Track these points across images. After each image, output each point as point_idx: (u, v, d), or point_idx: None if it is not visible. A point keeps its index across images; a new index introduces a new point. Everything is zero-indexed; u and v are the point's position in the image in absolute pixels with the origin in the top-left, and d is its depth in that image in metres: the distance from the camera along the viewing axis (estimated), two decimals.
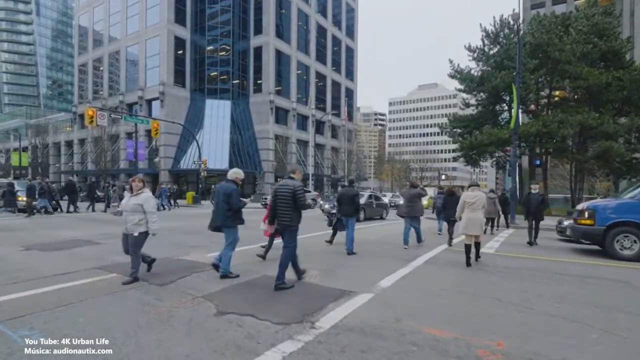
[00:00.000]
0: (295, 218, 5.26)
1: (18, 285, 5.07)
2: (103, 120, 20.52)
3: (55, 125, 57.43)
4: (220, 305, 4.28)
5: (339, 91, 57.13)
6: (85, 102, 46.64)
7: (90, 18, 49.11)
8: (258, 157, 42.66)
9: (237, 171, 5.92)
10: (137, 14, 42.79)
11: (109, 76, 46.58)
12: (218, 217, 5.71)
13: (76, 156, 49.01)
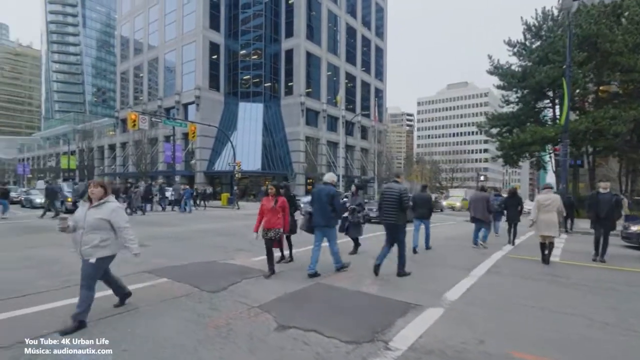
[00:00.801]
0: (402, 217, 5.96)
1: (71, 290, 4.92)
2: (144, 123, 20.96)
3: (100, 130, 60.04)
4: (280, 318, 3.92)
5: (369, 92, 56.28)
6: (127, 108, 48.33)
7: (131, 27, 50.92)
8: (289, 158, 42.63)
9: (332, 175, 6.52)
10: (174, 21, 43.88)
11: (148, 82, 48.07)
12: (322, 218, 6.03)
13: (118, 159, 50.91)
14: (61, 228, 3.68)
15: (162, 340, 3.35)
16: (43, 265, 6.47)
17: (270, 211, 5.69)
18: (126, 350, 3.13)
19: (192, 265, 6.65)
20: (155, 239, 9.87)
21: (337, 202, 6.02)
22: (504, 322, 3.99)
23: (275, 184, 5.90)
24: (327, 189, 6.08)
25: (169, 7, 44.59)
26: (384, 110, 61.60)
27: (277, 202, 5.69)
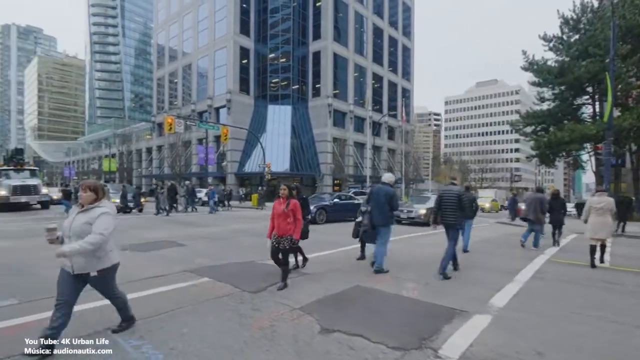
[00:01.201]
0: (460, 218, 6.16)
1: (127, 286, 5.03)
2: (180, 127, 21.58)
3: (138, 134, 62.45)
4: (323, 321, 3.83)
5: (396, 92, 55.46)
6: (162, 112, 50.04)
7: (167, 36, 52.73)
8: (317, 160, 42.63)
9: (391, 175, 6.71)
10: (206, 28, 45.02)
11: (182, 87, 49.56)
12: (380, 216, 6.28)
13: (155, 161, 52.75)
14: (49, 240, 3.10)
15: (209, 340, 3.34)
16: None
17: (281, 215, 5.02)
18: (174, 349, 3.14)
19: (230, 265, 6.69)
20: (193, 239, 10.06)
21: (395, 201, 6.26)
22: (562, 333, 3.72)
23: (288, 185, 5.20)
24: (386, 189, 6.29)
25: (202, 15, 45.82)
26: (411, 110, 60.45)
27: (288, 206, 5.01)
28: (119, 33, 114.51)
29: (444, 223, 6.22)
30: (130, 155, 58.96)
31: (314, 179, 41.70)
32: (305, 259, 6.57)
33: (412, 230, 13.26)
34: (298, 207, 5.11)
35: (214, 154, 39.93)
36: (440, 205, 6.28)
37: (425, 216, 15.06)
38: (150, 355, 3.04)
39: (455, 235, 6.16)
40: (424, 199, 17.36)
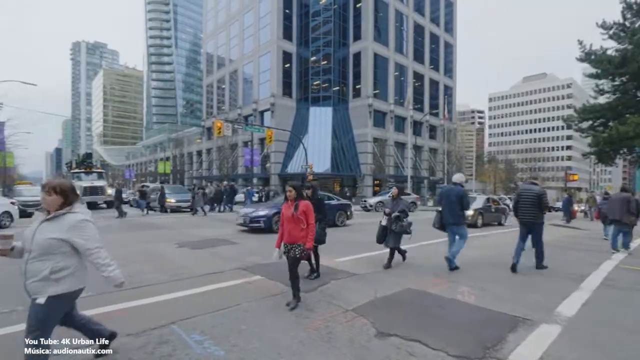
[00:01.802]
0: (540, 216, 6.36)
1: (180, 284, 5.24)
2: (228, 130, 22.25)
3: (189, 138, 65.56)
4: (378, 324, 3.69)
5: (437, 90, 53.60)
6: (211, 117, 52.10)
7: (215, 44, 54.91)
8: (357, 160, 42.25)
9: (461, 175, 6.70)
10: (251, 35, 46.29)
11: (229, 93, 51.31)
12: (451, 216, 6.36)
13: (204, 163, 55.06)
14: (1, 251, 2.44)
15: (267, 338, 3.33)
16: (154, 260, 7.03)
17: (290, 220, 4.23)
18: (235, 346, 3.16)
19: (282, 263, 6.66)
20: (243, 237, 10.29)
21: (467, 201, 6.31)
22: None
23: (294, 184, 4.36)
24: (457, 189, 6.34)
25: (247, 22, 47.16)
26: (453, 108, 58.14)
27: (297, 209, 4.19)
28: (172, 44, 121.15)
29: (523, 221, 6.48)
30: (183, 158, 62.00)
31: (355, 179, 41.37)
32: (316, 272, 5.69)
33: (440, 235, 12.67)
34: (310, 210, 4.27)
35: (258, 156, 40.90)
36: (518, 204, 6.53)
37: (472, 217, 14.31)
38: (212, 351, 3.08)
39: (539, 234, 6.45)
40: (470, 199, 16.55)
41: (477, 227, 14.19)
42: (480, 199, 16.00)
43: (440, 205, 6.61)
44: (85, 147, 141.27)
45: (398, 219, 6.28)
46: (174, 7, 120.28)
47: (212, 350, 3.08)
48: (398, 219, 6.28)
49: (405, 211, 6.36)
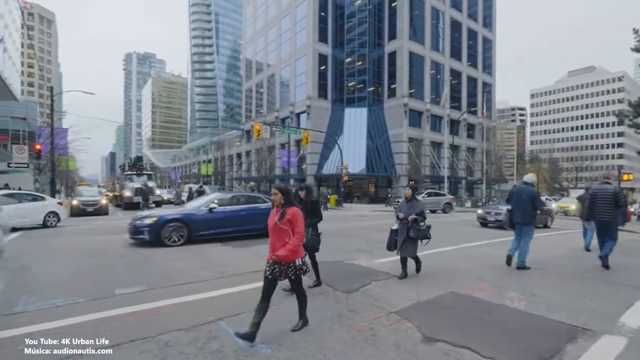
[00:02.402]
0: (616, 216, 6.33)
1: (224, 281, 5.36)
2: (266, 133, 22.65)
3: (229, 141, 67.60)
4: (423, 328, 3.55)
5: (475, 87, 51.40)
6: (250, 120, 53.39)
7: (254, 50, 56.24)
8: (392, 160, 41.46)
9: (532, 176, 6.76)
10: (288, 39, 46.92)
11: (267, 97, 52.31)
12: (521, 215, 6.38)
13: (243, 165, 56.50)
14: None
15: (312, 338, 3.31)
16: (200, 257, 7.26)
17: (274, 231, 3.32)
18: (281, 345, 3.17)
19: (322, 264, 6.67)
20: None
21: (539, 201, 6.37)
22: None
23: (280, 186, 3.44)
24: (528, 189, 6.38)
25: (284, 27, 47.84)
26: (492, 106, 55.52)
27: (283, 216, 3.27)
28: (213, 52, 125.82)
29: (599, 221, 6.53)
30: (224, 160, 64.04)
31: (390, 180, 40.64)
32: (317, 281, 5.13)
33: (500, 234, 12.04)
34: (298, 218, 3.31)
35: (295, 157, 41.38)
36: (593, 204, 6.55)
37: None
38: (259, 348, 3.10)
39: (614, 233, 6.44)
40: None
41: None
42: None
43: (510, 204, 6.70)
44: (135, 151, 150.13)
45: (416, 223, 5.55)
46: (216, 16, 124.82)
47: (259, 347, 3.10)
48: (416, 223, 5.55)
49: (423, 213, 5.68)
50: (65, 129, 37.23)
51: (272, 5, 51.15)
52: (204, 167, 55.90)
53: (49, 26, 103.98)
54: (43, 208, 12.51)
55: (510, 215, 6.73)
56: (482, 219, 14.59)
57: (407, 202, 5.82)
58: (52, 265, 6.36)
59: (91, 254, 7.47)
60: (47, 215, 12.47)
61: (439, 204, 24.20)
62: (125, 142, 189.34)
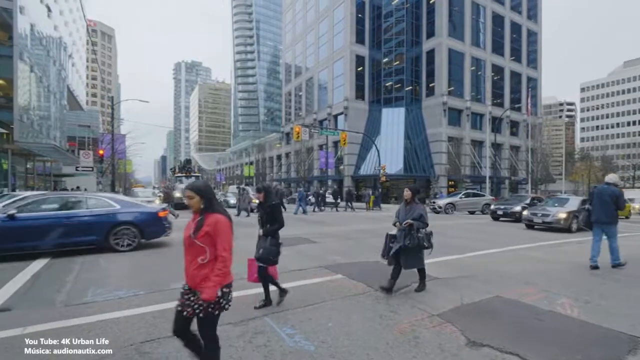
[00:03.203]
0: None
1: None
2: (305, 134, 22.90)
3: (270, 144, 69.18)
4: (468, 332, 3.42)
5: (519, 82, 48.51)
6: (289, 123, 54.26)
7: (293, 54, 57.14)
8: (431, 160, 40.22)
9: (615, 176, 6.60)
10: (326, 42, 47.13)
11: (305, 99, 52.90)
12: (604, 215, 6.31)
13: (283, 167, 57.53)
14: None
15: (354, 337, 3.30)
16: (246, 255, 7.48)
17: (187, 248, 2.34)
18: (324, 343, 3.19)
19: (360, 264, 6.68)
20: (322, 237, 10.47)
21: (622, 201, 6.27)
22: None
23: (194, 186, 2.38)
24: (611, 190, 6.30)
25: (322, 30, 48.11)
26: (538, 101, 52.09)
27: (199, 228, 2.29)
28: (255, 58, 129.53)
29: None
30: (264, 162, 65.64)
31: (429, 180, 39.46)
32: (282, 290, 4.26)
33: (548, 236, 11.30)
34: (222, 230, 2.29)
35: (333, 159, 41.47)
36: None
37: (565, 220, 12.64)
38: (303, 345, 3.14)
39: None
40: (562, 200, 14.58)
41: (572, 231, 12.52)
42: (574, 201, 14.07)
43: (591, 204, 6.61)
44: (184, 154, 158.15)
45: (411, 229, 4.57)
46: (257, 23, 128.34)
47: (302, 344, 3.15)
48: (411, 229, 4.57)
49: (422, 217, 4.67)
50: (124, 135, 40.09)
51: (310, 10, 51.65)
52: (246, 169, 57.71)
53: (109, 41, 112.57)
54: None
55: (588, 215, 6.66)
56: (528, 221, 13.77)
57: (406, 206, 4.90)
58: (114, 261, 6.86)
59: (147, 250, 7.96)
60: None
61: (477, 204, 23.16)
62: (175, 146, 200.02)
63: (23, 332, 3.35)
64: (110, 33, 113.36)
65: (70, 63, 39.21)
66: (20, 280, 5.26)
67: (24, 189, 30.36)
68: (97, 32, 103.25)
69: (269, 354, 2.97)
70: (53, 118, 30.80)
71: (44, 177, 36.78)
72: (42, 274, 5.75)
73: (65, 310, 3.98)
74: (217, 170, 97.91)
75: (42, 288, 4.94)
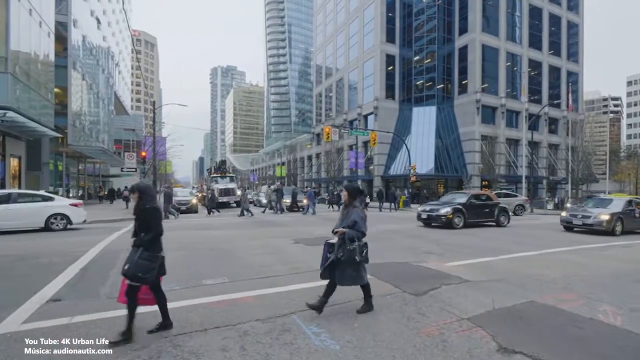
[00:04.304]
0: None
1: (297, 277, 5.54)
2: (335, 135, 22.86)
3: (301, 144, 69.76)
4: (499, 338, 3.25)
5: (559, 77, 45.58)
6: (320, 124, 54.42)
7: (323, 56, 57.28)
8: (463, 160, 38.76)
9: None
10: (356, 43, 46.77)
11: (335, 100, 52.81)
12: None
13: (313, 167, 57.79)
14: None
15: (380, 338, 3.24)
16: (276, 253, 7.61)
17: None
18: (350, 343, 3.15)
19: (388, 264, 6.56)
20: None
21: None
22: None
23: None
24: None
25: (352, 31, 47.82)
26: (579, 97, 48.69)
27: None
28: (287, 61, 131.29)
29: None
30: (296, 162, 66.27)
31: (461, 180, 38.06)
32: (165, 321, 3.39)
33: (589, 239, 10.56)
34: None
35: (362, 159, 41.09)
36: None
37: (608, 223, 11.74)
38: (328, 344, 3.12)
39: None
40: (605, 201, 13.53)
41: (616, 234, 11.64)
42: (619, 202, 13.02)
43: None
44: (220, 156, 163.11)
45: (344, 242, 3.71)
46: (289, 27, 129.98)
47: (328, 343, 3.13)
48: (344, 242, 3.71)
49: (357, 225, 3.74)
50: (164, 138, 41.98)
51: (340, 11, 51.51)
52: (278, 170, 58.61)
53: (152, 49, 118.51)
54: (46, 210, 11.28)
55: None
56: (566, 223, 12.91)
57: (345, 209, 3.99)
58: None
59: (181, 247, 8.28)
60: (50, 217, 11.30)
61: (509, 205, 22.02)
62: (211, 148, 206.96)
63: (70, 321, 3.58)
64: (152, 42, 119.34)
65: (117, 71, 41.66)
66: (71, 273, 5.65)
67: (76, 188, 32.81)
68: (141, 41, 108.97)
69: (295, 351, 2.98)
70: (102, 122, 32.92)
71: (94, 177, 39.41)
72: (89, 267, 6.14)
73: (109, 302, 4.22)
74: (250, 170, 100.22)
75: (89, 281, 5.28)
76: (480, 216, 13.82)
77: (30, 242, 8.97)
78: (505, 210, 14.62)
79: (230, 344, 3.08)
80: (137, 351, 2.91)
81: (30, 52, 17.30)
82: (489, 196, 15.23)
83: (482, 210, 14.01)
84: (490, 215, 14.03)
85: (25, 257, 6.93)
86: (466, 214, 13.21)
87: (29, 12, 16.72)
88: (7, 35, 14.72)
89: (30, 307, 4.02)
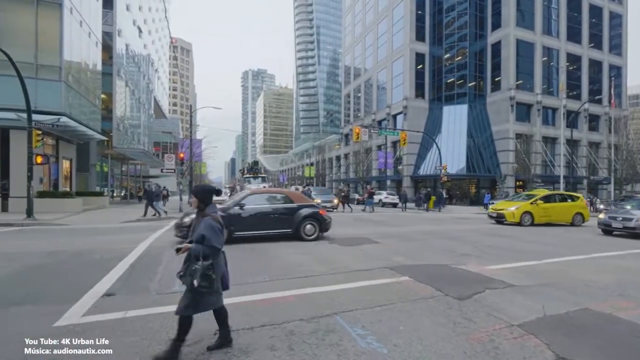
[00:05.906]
0: None
1: (337, 277, 5.48)
2: (365, 135, 22.63)
3: (329, 145, 69.84)
4: (555, 347, 3.04)
5: (600, 71, 42.70)
6: (348, 125, 54.17)
7: (352, 56, 57.00)
8: (496, 159, 37.18)
9: None
10: (385, 42, 46.15)
11: (364, 100, 52.39)
12: None
13: (342, 167, 57.62)
14: None
15: (428, 343, 3.12)
16: (312, 253, 7.59)
17: None
18: (397, 346, 3.06)
19: (426, 266, 6.37)
20: (384, 237, 10.21)
21: None
22: None
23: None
24: None
25: (381, 31, 47.25)
26: (623, 92, 45.28)
27: None
28: (315, 62, 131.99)
29: None
30: (324, 162, 66.41)
31: (494, 180, 36.53)
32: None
33: (635, 243, 9.80)
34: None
35: (391, 159, 40.46)
36: None
37: None
38: (375, 347, 3.05)
39: None
40: None
41: None
42: None
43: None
44: (251, 157, 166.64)
45: (190, 261, 2.74)
46: (317, 28, 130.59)
47: (375, 346, 3.06)
48: (190, 261, 2.74)
49: (205, 239, 2.73)
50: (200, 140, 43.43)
51: (369, 11, 51.04)
52: (307, 170, 58.93)
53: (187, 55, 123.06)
54: None
55: None
56: (604, 226, 12.01)
57: (196, 219, 2.97)
58: None
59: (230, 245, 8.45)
60: None
61: None
62: (242, 149, 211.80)
63: (125, 315, 3.73)
64: (188, 48, 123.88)
65: (156, 76, 43.59)
66: (121, 269, 5.92)
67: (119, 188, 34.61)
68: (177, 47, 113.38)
69: (342, 353, 2.93)
70: (142, 126, 34.56)
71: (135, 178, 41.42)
72: (137, 264, 6.41)
73: (158, 298, 4.36)
74: (280, 171, 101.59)
75: (138, 277, 5.50)
76: None
77: (81, 240, 9.52)
78: None
79: (278, 344, 3.08)
80: (189, 347, 2.97)
81: (80, 61, 18.45)
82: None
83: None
84: None
85: (82, 253, 7.35)
86: None
87: (79, 23, 17.84)
88: (60, 47, 15.79)
89: (88, 300, 4.23)
